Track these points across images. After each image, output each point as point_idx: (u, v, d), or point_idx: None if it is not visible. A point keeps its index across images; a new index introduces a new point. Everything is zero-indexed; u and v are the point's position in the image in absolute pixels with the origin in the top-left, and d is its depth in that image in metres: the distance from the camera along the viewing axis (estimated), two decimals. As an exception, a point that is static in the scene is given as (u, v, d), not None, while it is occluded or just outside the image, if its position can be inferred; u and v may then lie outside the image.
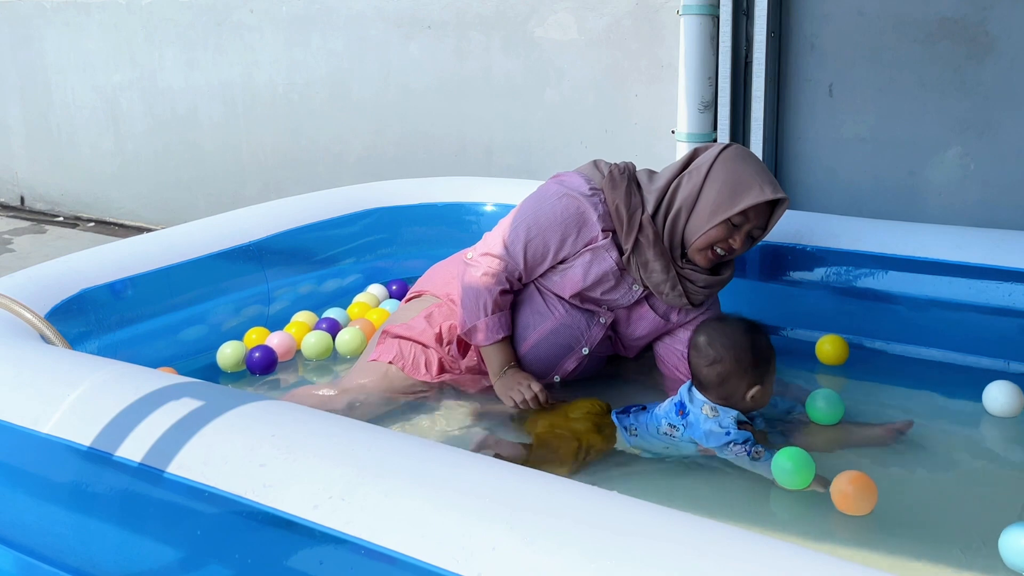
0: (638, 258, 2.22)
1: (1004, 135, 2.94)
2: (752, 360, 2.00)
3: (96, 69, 5.16)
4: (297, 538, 1.31)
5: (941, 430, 2.17)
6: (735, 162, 2.19)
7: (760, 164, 2.21)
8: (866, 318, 2.57)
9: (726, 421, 1.98)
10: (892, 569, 1.62)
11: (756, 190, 2.13)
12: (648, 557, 1.12)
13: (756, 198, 2.12)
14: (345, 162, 4.37)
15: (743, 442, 1.96)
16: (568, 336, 2.29)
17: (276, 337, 2.63)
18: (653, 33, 3.46)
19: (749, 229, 2.17)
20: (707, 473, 1.99)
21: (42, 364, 1.77)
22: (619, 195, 2.22)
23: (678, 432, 2.03)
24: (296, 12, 4.37)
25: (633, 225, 2.21)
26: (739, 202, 2.13)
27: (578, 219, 2.22)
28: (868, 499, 1.77)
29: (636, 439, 2.07)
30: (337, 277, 3.08)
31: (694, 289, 2.26)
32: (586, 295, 2.26)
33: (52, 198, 5.62)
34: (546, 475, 1.33)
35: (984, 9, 2.89)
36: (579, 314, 2.28)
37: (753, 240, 2.21)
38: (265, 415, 1.51)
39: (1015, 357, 2.39)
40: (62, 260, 2.43)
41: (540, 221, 2.23)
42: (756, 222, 2.18)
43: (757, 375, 2.00)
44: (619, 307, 2.29)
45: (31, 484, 1.64)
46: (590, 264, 2.23)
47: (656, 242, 2.22)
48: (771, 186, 2.15)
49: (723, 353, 1.99)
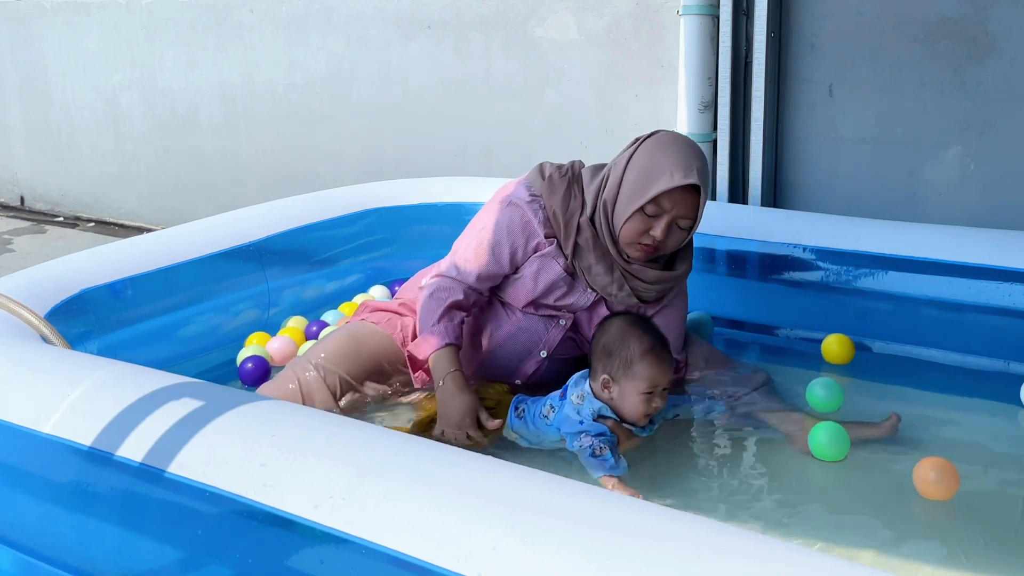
0: (580, 262, 2.17)
1: (1004, 135, 2.94)
2: (608, 352, 1.99)
3: (96, 69, 5.16)
4: (297, 538, 1.31)
5: (941, 430, 2.17)
6: (654, 149, 2.10)
7: (681, 149, 2.09)
8: (866, 318, 2.57)
9: (585, 411, 1.97)
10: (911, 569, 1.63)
11: (666, 177, 2.03)
12: (648, 557, 1.12)
13: (664, 185, 2.02)
14: (345, 162, 4.37)
15: (595, 435, 1.94)
16: (526, 341, 2.24)
17: (276, 342, 2.62)
18: (653, 33, 3.46)
19: (672, 219, 2.07)
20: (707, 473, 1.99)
21: (42, 364, 1.77)
22: (556, 200, 2.17)
23: (552, 415, 2.02)
24: (296, 12, 4.37)
25: (571, 229, 2.16)
26: (648, 191, 2.03)
27: (523, 228, 2.18)
28: (951, 484, 1.79)
29: (519, 422, 2.06)
30: (337, 277, 3.08)
31: (643, 287, 2.17)
32: (540, 302, 2.21)
33: (52, 198, 5.62)
34: (546, 475, 1.33)
35: (984, 9, 2.89)
36: (537, 319, 2.23)
37: (683, 230, 2.10)
38: (265, 415, 1.51)
39: (1015, 357, 2.39)
40: (62, 260, 2.43)
41: (487, 234, 2.20)
42: (677, 211, 2.06)
43: (612, 369, 1.98)
44: (578, 309, 2.24)
45: (31, 484, 1.64)
46: (538, 273, 2.18)
47: (595, 243, 2.15)
48: (682, 171, 2.02)
49: (595, 340, 2.04)
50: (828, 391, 2.18)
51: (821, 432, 1.97)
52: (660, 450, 2.07)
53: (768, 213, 2.95)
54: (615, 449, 1.94)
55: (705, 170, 2.09)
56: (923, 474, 1.81)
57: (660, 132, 2.16)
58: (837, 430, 1.97)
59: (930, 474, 1.80)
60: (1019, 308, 2.38)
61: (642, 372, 1.96)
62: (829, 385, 2.19)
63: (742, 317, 2.77)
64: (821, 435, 1.96)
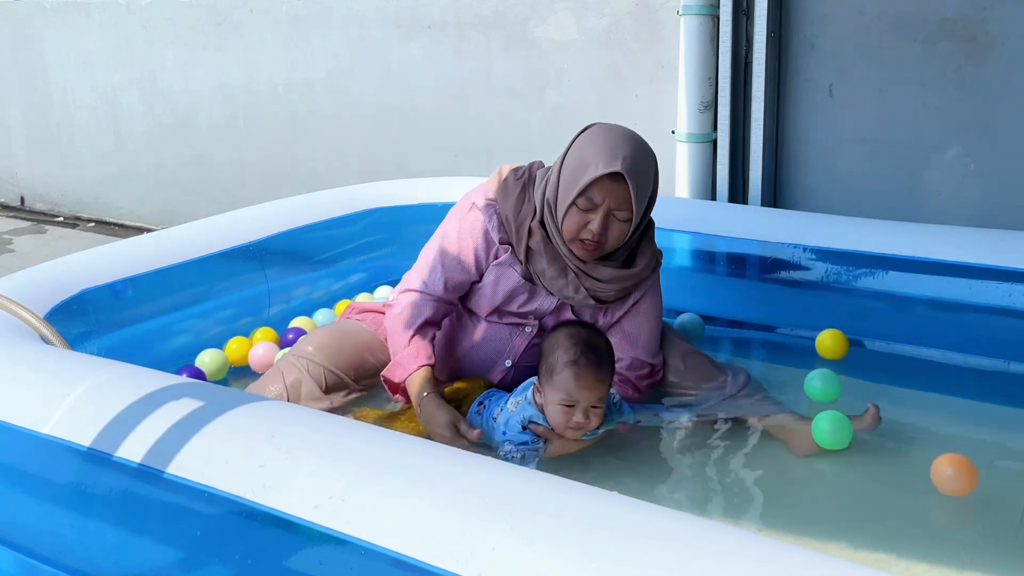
0: (535, 267, 2.13)
1: (1004, 135, 2.94)
2: (543, 356, 1.93)
3: (96, 69, 5.16)
4: (297, 538, 1.31)
5: (939, 429, 2.17)
6: (585, 141, 2.05)
7: (609, 139, 2.02)
8: (866, 318, 2.57)
9: (514, 419, 1.93)
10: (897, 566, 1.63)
11: (591, 168, 1.98)
12: (648, 557, 1.12)
13: (590, 176, 1.96)
14: (345, 162, 4.37)
15: (517, 444, 1.91)
16: (490, 349, 2.20)
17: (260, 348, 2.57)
18: (653, 33, 3.46)
19: (606, 211, 2.00)
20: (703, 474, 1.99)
21: (42, 364, 1.77)
22: (509, 204, 2.13)
23: (500, 416, 1.98)
24: (296, 12, 4.37)
25: (522, 234, 2.11)
26: (577, 184, 1.99)
27: (482, 235, 2.15)
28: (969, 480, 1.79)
29: (477, 418, 2.03)
30: (337, 277, 3.08)
31: (600, 286, 2.11)
32: (504, 310, 2.18)
33: (52, 198, 5.62)
34: (546, 475, 1.33)
35: (984, 9, 2.89)
36: (501, 327, 2.20)
37: (623, 222, 2.03)
38: (265, 415, 1.51)
39: (1015, 357, 2.39)
40: (62, 260, 2.43)
41: (449, 243, 2.18)
42: (610, 203, 1.99)
43: (541, 374, 1.92)
44: (543, 315, 2.18)
45: (31, 484, 1.64)
46: (497, 281, 2.15)
47: (547, 246, 2.10)
48: (606, 161, 1.96)
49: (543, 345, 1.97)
50: (826, 382, 2.20)
51: (824, 421, 1.96)
52: (653, 453, 2.07)
53: (768, 213, 2.95)
54: (537, 457, 1.91)
55: (639, 158, 2.01)
56: (941, 470, 1.81)
57: (595, 124, 2.10)
58: (840, 418, 1.97)
59: (947, 470, 1.80)
60: (1019, 308, 2.38)
61: (561, 383, 1.88)
62: (827, 376, 2.21)
63: (742, 317, 2.77)
64: (824, 424, 1.96)
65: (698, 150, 3.28)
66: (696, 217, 2.83)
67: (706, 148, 3.28)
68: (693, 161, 3.28)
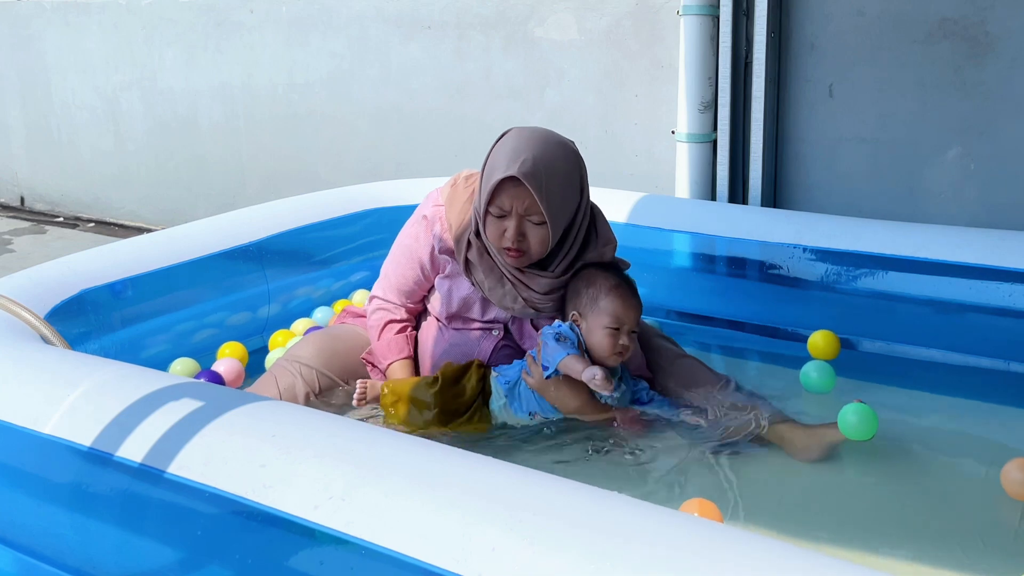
0: (475, 277, 2.12)
1: (1004, 135, 2.94)
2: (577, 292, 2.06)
3: (96, 69, 5.16)
4: (297, 539, 1.31)
5: (939, 430, 2.17)
6: (496, 148, 2.03)
7: (516, 143, 1.98)
8: (866, 318, 2.57)
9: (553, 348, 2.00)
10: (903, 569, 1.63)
11: (497, 173, 1.95)
12: (648, 557, 1.12)
13: (492, 184, 1.95)
14: (345, 162, 4.37)
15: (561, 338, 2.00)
16: (459, 355, 2.18)
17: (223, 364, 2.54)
18: (653, 33, 3.46)
19: (520, 217, 1.97)
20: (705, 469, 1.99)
21: (42, 364, 1.77)
22: (454, 213, 2.12)
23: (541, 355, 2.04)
24: (296, 12, 4.37)
25: (460, 245, 2.10)
26: (485, 192, 1.97)
27: (428, 249, 2.17)
28: None
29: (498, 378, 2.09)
30: (337, 277, 3.08)
31: (537, 297, 2.10)
32: (465, 317, 2.17)
33: (52, 199, 5.62)
34: (546, 475, 1.33)
35: (984, 9, 2.89)
36: (467, 333, 2.19)
37: (539, 226, 1.98)
38: (265, 415, 1.51)
39: (1015, 357, 2.39)
40: (62, 260, 2.43)
41: (401, 252, 2.23)
42: (518, 207, 1.96)
43: (581, 306, 2.05)
44: (504, 321, 2.17)
45: (31, 484, 1.64)
46: (450, 291, 2.17)
47: (482, 257, 2.08)
48: (504, 166, 1.93)
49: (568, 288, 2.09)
50: (821, 373, 2.26)
51: (851, 413, 1.95)
52: (654, 454, 2.07)
53: (768, 213, 2.95)
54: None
55: (544, 159, 1.96)
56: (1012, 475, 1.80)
57: (511, 129, 2.08)
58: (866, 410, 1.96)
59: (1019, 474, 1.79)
60: (1019, 308, 2.38)
61: (608, 307, 2.01)
62: (822, 368, 2.28)
63: (742, 317, 2.77)
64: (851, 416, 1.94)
65: (698, 150, 3.28)
66: (696, 217, 2.84)
67: (706, 148, 3.28)
68: (693, 161, 3.28)
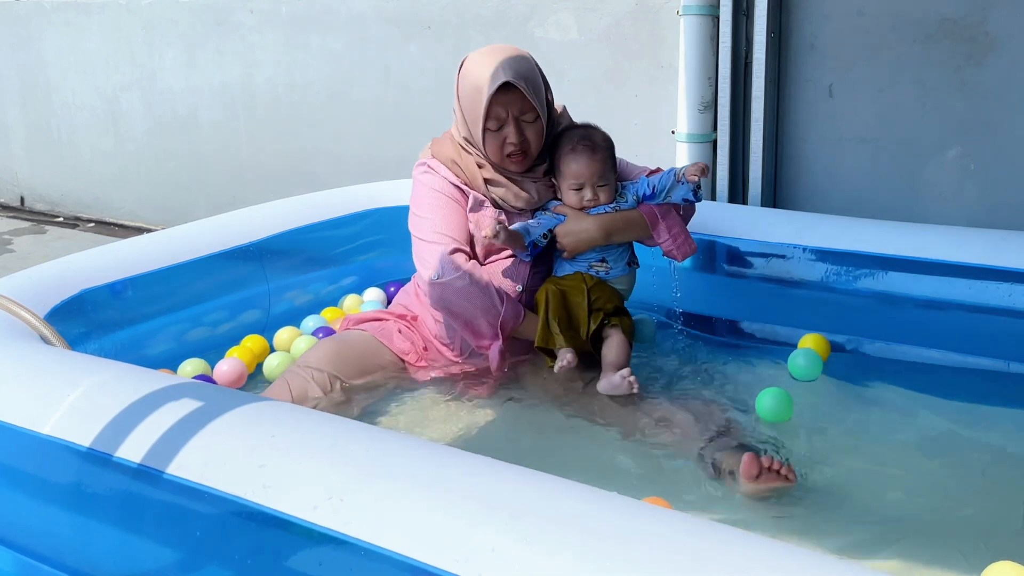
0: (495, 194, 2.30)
1: (1004, 135, 2.94)
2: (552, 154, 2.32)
3: (96, 69, 5.16)
4: (296, 539, 1.31)
5: (939, 430, 2.17)
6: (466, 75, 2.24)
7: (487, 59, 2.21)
8: (866, 319, 2.57)
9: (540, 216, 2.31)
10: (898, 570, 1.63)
11: (484, 91, 2.17)
12: (647, 558, 1.12)
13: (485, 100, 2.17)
14: (345, 162, 4.37)
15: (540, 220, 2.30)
16: (503, 284, 2.33)
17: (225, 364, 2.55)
18: (653, 33, 3.46)
19: (516, 121, 2.21)
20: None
21: (42, 365, 1.77)
22: (450, 150, 2.32)
23: None
24: (296, 12, 4.36)
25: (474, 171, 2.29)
26: (479, 112, 2.19)
27: (448, 184, 2.31)
28: None
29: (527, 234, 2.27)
30: (337, 277, 3.08)
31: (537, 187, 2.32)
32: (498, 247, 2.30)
33: (52, 199, 5.62)
34: (546, 476, 1.33)
35: (984, 9, 2.89)
36: (503, 262, 2.34)
37: (534, 123, 2.24)
38: (265, 415, 1.51)
39: (1015, 357, 2.39)
40: (62, 260, 2.43)
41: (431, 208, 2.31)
42: (514, 111, 2.21)
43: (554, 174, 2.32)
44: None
45: (31, 485, 1.64)
46: (478, 227, 2.29)
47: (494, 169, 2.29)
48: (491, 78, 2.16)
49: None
50: (808, 360, 2.33)
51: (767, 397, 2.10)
52: (655, 454, 2.07)
53: (768, 213, 2.95)
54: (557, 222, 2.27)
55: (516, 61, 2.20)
56: None
57: (465, 58, 2.29)
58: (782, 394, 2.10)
59: None
60: (1019, 308, 2.38)
61: (565, 169, 2.27)
62: (809, 355, 2.34)
63: (742, 318, 2.76)
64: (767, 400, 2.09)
65: (698, 150, 3.28)
66: (696, 217, 2.83)
67: (706, 148, 3.28)
68: (693, 161, 3.28)
